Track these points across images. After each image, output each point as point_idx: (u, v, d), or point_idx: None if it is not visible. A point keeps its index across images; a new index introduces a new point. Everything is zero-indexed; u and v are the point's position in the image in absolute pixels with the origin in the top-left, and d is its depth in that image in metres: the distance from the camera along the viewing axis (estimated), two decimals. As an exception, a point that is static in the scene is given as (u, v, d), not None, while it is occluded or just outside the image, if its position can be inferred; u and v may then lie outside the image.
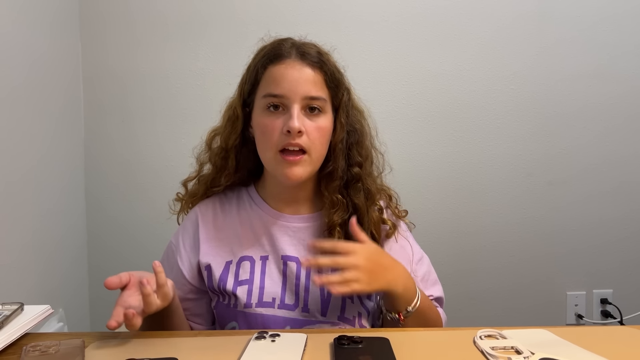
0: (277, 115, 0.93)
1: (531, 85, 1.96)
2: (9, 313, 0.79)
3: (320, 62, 0.95)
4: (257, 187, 1.07)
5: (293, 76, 0.92)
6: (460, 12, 1.93)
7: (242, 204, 1.05)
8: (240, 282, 0.97)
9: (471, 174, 1.98)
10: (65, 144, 1.78)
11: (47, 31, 1.66)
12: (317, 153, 0.95)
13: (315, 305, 0.95)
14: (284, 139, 0.91)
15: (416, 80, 1.94)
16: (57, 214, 1.71)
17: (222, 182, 1.04)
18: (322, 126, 0.94)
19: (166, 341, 0.81)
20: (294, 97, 0.91)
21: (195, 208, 1.07)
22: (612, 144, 2.00)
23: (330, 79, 0.96)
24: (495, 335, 0.80)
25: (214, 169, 1.05)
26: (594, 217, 2.02)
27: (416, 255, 1.04)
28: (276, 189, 1.03)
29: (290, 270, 0.97)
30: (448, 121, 1.96)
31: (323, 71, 0.95)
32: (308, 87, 0.92)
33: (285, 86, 0.92)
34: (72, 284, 1.82)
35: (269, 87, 0.94)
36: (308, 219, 1.02)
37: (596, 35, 1.95)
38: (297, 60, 0.94)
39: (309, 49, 0.96)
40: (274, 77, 0.94)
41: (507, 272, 2.02)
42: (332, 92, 0.97)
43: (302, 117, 0.92)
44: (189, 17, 1.88)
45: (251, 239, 1.01)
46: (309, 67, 0.94)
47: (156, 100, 1.90)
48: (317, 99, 0.93)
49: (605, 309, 2.05)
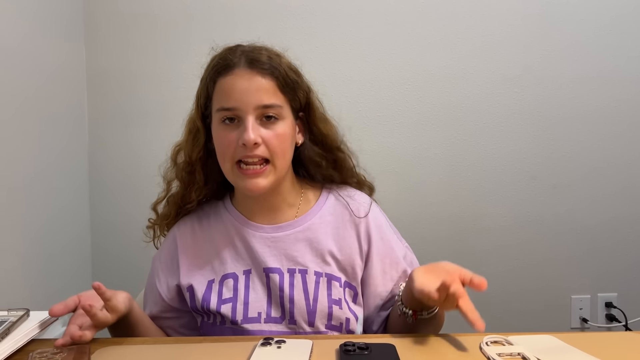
0: (232, 127, 0.90)
1: (535, 88, 1.96)
2: (15, 319, 0.79)
3: (270, 67, 0.91)
4: (232, 198, 1.05)
5: (243, 86, 0.89)
6: (463, 14, 1.93)
7: (219, 218, 1.03)
8: (224, 300, 0.95)
9: (474, 176, 1.98)
10: (69, 150, 1.78)
11: (51, 37, 1.66)
12: (280, 160, 0.92)
13: (302, 315, 0.93)
14: (240, 151, 0.89)
15: (419, 82, 1.94)
16: (61, 219, 1.71)
17: (194, 197, 1.01)
18: (281, 133, 0.91)
19: (172, 347, 0.81)
20: (246, 108, 0.89)
21: (173, 229, 1.05)
22: (616, 147, 1.99)
23: (284, 83, 0.92)
24: (501, 341, 0.79)
25: (182, 186, 1.03)
26: (598, 220, 2.01)
27: (401, 251, 1.03)
28: (248, 200, 1.01)
29: (274, 282, 0.95)
30: (451, 124, 1.96)
31: (274, 77, 0.91)
32: (259, 96, 0.89)
33: (237, 97, 0.89)
34: (76, 289, 1.82)
35: (220, 100, 0.91)
36: (286, 227, 0.99)
37: (601, 38, 1.95)
38: (246, 70, 0.90)
39: (259, 55, 0.92)
40: (224, 89, 0.91)
41: (511, 276, 2.01)
42: (288, 95, 0.93)
43: (257, 128, 0.89)
44: (193, 22, 1.88)
45: (232, 254, 0.98)
46: (259, 75, 0.90)
47: (160, 106, 1.90)
48: (271, 106, 0.90)
49: (610, 313, 2.04)
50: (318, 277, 0.95)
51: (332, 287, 0.95)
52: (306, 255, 0.97)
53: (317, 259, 0.97)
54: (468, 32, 1.94)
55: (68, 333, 0.79)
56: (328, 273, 0.96)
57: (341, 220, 1.00)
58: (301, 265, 0.96)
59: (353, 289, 0.97)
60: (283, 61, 0.94)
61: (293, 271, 0.95)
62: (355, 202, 1.02)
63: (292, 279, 0.95)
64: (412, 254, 1.05)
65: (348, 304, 0.96)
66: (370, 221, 1.01)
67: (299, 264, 0.96)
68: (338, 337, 0.83)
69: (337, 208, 1.02)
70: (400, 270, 1.00)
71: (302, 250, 0.97)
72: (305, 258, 0.96)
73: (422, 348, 0.78)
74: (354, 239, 0.99)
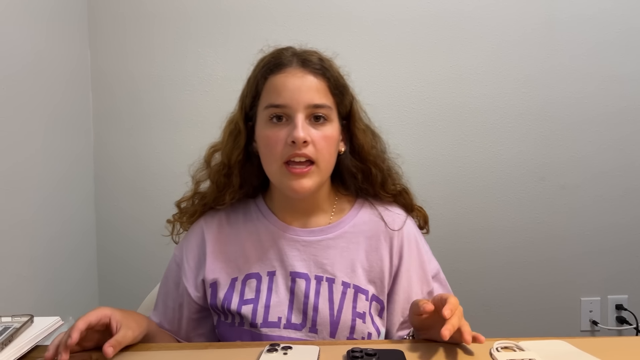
0: (280, 126, 0.89)
1: (543, 89, 1.94)
2: (19, 325, 0.78)
3: (322, 68, 0.92)
4: (265, 198, 1.03)
5: (295, 84, 0.89)
6: (470, 15, 1.91)
7: (249, 216, 1.01)
8: (245, 301, 0.93)
9: (483, 178, 1.96)
10: (74, 152, 1.78)
11: (56, 38, 1.66)
12: (325, 163, 0.91)
13: (324, 325, 0.91)
14: (289, 150, 0.88)
15: (426, 83, 1.92)
16: (66, 223, 1.71)
17: (227, 200, 0.99)
18: (329, 135, 0.91)
19: (177, 354, 0.80)
20: (296, 106, 0.88)
21: (199, 222, 1.03)
22: (625, 147, 1.97)
23: (335, 86, 0.93)
24: (512, 347, 0.78)
25: (214, 188, 1.00)
26: (608, 221, 1.99)
27: (433, 270, 1.01)
28: (284, 201, 0.99)
29: (299, 287, 0.93)
30: (459, 125, 1.94)
31: (326, 78, 0.92)
32: (311, 94, 0.89)
33: (287, 95, 0.88)
34: (82, 294, 1.82)
35: (270, 97, 0.91)
36: (319, 232, 0.98)
37: (608, 38, 1.93)
38: (299, 68, 0.91)
39: (310, 56, 0.93)
40: (275, 86, 0.91)
41: (520, 278, 1.99)
42: (337, 98, 0.94)
43: (307, 127, 0.89)
44: (196, 23, 1.88)
45: (258, 254, 0.97)
46: (311, 75, 0.90)
47: (165, 107, 1.90)
48: (322, 106, 0.90)
49: (620, 315, 2.02)
50: (345, 287, 0.93)
51: (358, 300, 0.93)
52: (335, 264, 0.95)
53: (346, 269, 0.95)
54: (475, 34, 1.92)
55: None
56: (356, 285, 0.94)
57: (375, 231, 0.98)
58: (329, 274, 0.94)
59: (380, 303, 0.95)
60: (333, 65, 0.95)
61: (320, 278, 0.94)
62: (391, 214, 1.01)
63: (318, 287, 0.93)
64: (442, 276, 1.03)
65: (372, 318, 0.94)
66: (404, 236, 0.99)
67: (327, 271, 0.94)
68: (345, 343, 0.82)
69: (372, 218, 1.00)
70: (426, 292, 0.97)
71: (332, 258, 0.95)
72: (334, 266, 0.95)
73: (431, 355, 0.77)
74: (386, 252, 0.97)
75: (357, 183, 1.01)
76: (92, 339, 0.79)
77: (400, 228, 0.99)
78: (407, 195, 1.04)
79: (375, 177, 0.99)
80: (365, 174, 1.00)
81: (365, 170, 0.99)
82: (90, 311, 0.79)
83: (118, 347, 0.76)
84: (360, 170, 0.99)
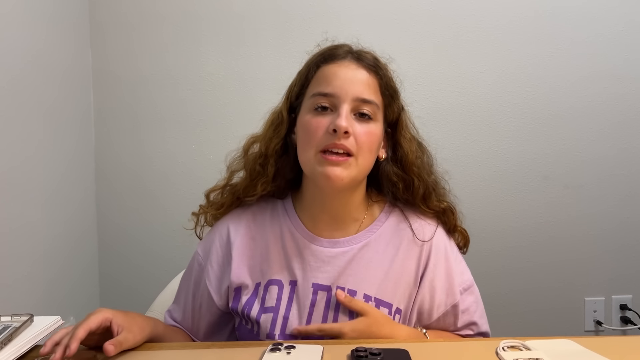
0: (324, 115, 0.87)
1: (546, 87, 1.93)
2: (19, 325, 0.77)
3: (376, 67, 0.91)
4: (294, 200, 1.00)
5: (347, 75, 0.88)
6: (472, 13, 1.90)
7: (276, 218, 0.98)
8: (266, 309, 0.90)
9: (485, 177, 1.95)
10: (75, 152, 1.77)
11: (57, 38, 1.66)
12: (363, 159, 0.88)
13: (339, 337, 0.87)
14: (328, 138, 0.85)
15: (428, 82, 1.91)
16: (67, 223, 1.70)
17: (258, 191, 0.96)
18: (372, 132, 0.88)
19: (179, 353, 0.79)
20: (344, 96, 0.86)
21: (225, 220, 1.00)
22: (630, 146, 1.95)
23: (386, 86, 0.91)
24: (518, 346, 0.77)
25: (248, 177, 0.97)
26: (612, 221, 1.98)
27: (464, 283, 0.97)
28: (314, 203, 0.95)
29: (320, 300, 0.90)
30: (461, 124, 1.93)
31: (379, 76, 0.90)
32: (361, 87, 0.87)
33: (337, 84, 0.87)
34: (83, 293, 1.81)
35: (319, 85, 0.89)
36: (344, 243, 0.94)
37: (612, 35, 1.92)
38: (353, 61, 0.90)
39: (366, 54, 0.93)
40: (325, 75, 0.89)
41: (523, 278, 1.98)
42: (386, 100, 0.92)
43: (350, 119, 0.86)
44: (197, 22, 1.87)
45: (282, 260, 0.93)
46: (364, 69, 0.89)
47: (166, 106, 1.89)
48: (369, 102, 0.88)
49: (624, 315, 2.00)
50: (367, 300, 0.90)
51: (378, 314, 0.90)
52: (359, 275, 0.92)
53: (370, 281, 0.91)
54: (477, 31, 1.91)
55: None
56: (378, 298, 0.91)
57: (403, 239, 0.95)
58: (351, 286, 0.91)
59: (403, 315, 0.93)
60: (388, 68, 0.95)
61: (342, 290, 0.90)
62: (421, 223, 0.97)
63: (339, 302, 0.89)
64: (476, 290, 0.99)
65: None
66: (433, 246, 0.96)
67: (349, 283, 0.91)
68: (349, 343, 0.81)
69: (400, 226, 0.97)
70: (450, 304, 0.94)
71: (356, 269, 0.92)
72: (357, 277, 0.91)
73: (436, 354, 0.76)
74: (413, 260, 0.94)
75: (398, 193, 0.97)
76: (92, 340, 0.77)
77: (429, 239, 0.96)
78: (452, 215, 1.01)
79: (417, 189, 0.96)
80: (407, 184, 0.96)
81: (407, 181, 0.96)
82: (90, 314, 0.77)
83: (119, 347, 0.74)
84: (402, 179, 0.96)
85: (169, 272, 1.31)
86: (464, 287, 0.96)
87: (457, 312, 0.94)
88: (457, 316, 0.94)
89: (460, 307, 0.94)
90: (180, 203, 1.86)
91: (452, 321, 0.94)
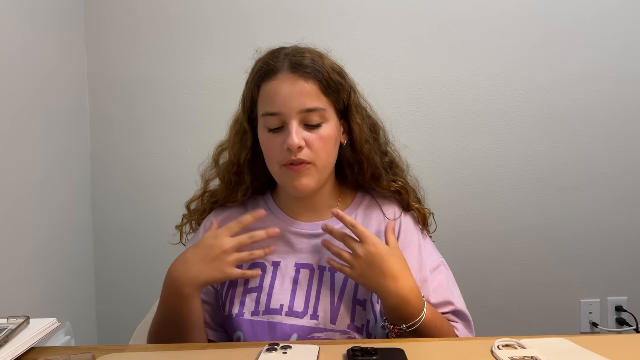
0: (277, 133, 0.92)
1: (540, 90, 1.94)
2: (14, 327, 0.77)
3: (313, 70, 0.91)
4: (273, 195, 1.06)
5: (286, 91, 0.90)
6: (466, 17, 1.92)
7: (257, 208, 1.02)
8: (250, 289, 0.96)
9: (481, 180, 1.96)
10: (71, 155, 1.77)
11: (53, 42, 1.66)
12: (322, 162, 0.93)
13: (325, 312, 0.93)
14: (286, 155, 0.90)
15: (423, 86, 1.93)
16: (64, 226, 1.70)
17: (239, 197, 1.03)
18: (324, 135, 0.92)
19: (175, 354, 0.79)
20: (289, 112, 0.90)
21: (209, 215, 1.06)
22: (624, 148, 1.97)
23: (327, 86, 0.93)
24: (513, 344, 0.77)
25: (224, 186, 1.03)
26: (607, 222, 1.99)
27: (433, 263, 1.01)
28: (290, 198, 1.02)
29: (303, 277, 0.96)
30: (456, 127, 1.94)
31: (317, 80, 0.91)
32: (303, 99, 0.90)
33: (280, 102, 0.90)
34: (78, 296, 1.81)
35: (265, 105, 0.92)
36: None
37: (607, 38, 1.93)
38: (289, 74, 0.91)
39: (302, 59, 0.92)
40: (267, 94, 0.92)
41: (518, 280, 1.99)
42: (332, 97, 0.94)
43: (300, 131, 0.90)
44: (194, 25, 1.88)
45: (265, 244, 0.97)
46: (301, 79, 0.91)
47: (162, 110, 1.90)
48: (315, 109, 0.91)
49: (620, 317, 2.01)
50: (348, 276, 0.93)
51: (359, 288, 0.95)
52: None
53: None
54: (472, 35, 1.92)
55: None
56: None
57: (375, 221, 1.01)
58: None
59: None
60: (326, 62, 0.95)
61: (323, 268, 0.96)
62: (389, 205, 1.03)
63: (321, 276, 0.96)
64: (443, 269, 1.02)
65: (373, 306, 0.95)
66: (402, 223, 1.02)
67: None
68: (345, 342, 0.81)
69: (372, 206, 1.03)
70: (420, 280, 0.96)
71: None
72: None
73: (432, 353, 0.76)
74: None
75: (354, 175, 1.02)
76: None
77: (398, 217, 1.02)
78: (406, 194, 1.03)
79: (365, 170, 1.00)
80: (360, 166, 1.01)
81: (360, 162, 1.00)
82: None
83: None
84: (356, 161, 1.01)
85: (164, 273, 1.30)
86: (433, 267, 1.00)
87: (427, 291, 0.96)
88: (428, 296, 0.95)
89: (430, 285, 0.97)
90: (176, 206, 1.84)
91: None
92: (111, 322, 1.91)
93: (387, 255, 0.88)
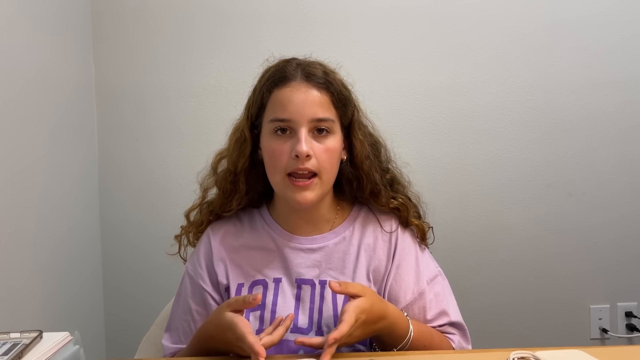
0: (284, 139, 0.92)
1: (547, 96, 1.93)
2: (28, 342, 0.77)
3: (326, 82, 0.94)
4: (269, 208, 1.06)
5: (299, 99, 0.92)
6: (473, 23, 1.91)
7: (254, 226, 1.05)
8: (253, 308, 0.95)
9: (488, 186, 1.95)
10: (79, 165, 1.78)
11: (60, 50, 1.66)
12: (327, 175, 0.94)
13: (328, 327, 0.93)
14: (292, 163, 0.91)
15: (430, 91, 1.92)
16: (71, 235, 1.70)
17: (234, 206, 1.03)
18: (331, 147, 0.94)
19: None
20: (300, 120, 0.91)
21: (207, 230, 1.06)
22: (632, 154, 1.95)
23: (338, 99, 0.95)
24: (529, 357, 0.77)
25: (222, 194, 1.04)
26: (616, 228, 1.97)
27: (430, 274, 1.02)
28: (288, 211, 1.02)
29: (305, 292, 0.97)
30: (463, 134, 1.94)
31: (330, 92, 0.94)
32: (314, 109, 0.92)
33: (292, 110, 0.91)
34: (86, 304, 1.80)
35: (275, 111, 0.93)
36: (321, 239, 1.01)
37: (613, 43, 1.92)
38: (303, 82, 0.93)
39: (315, 70, 0.95)
40: (279, 100, 0.93)
41: (528, 286, 1.97)
42: (340, 111, 0.96)
43: (309, 140, 0.91)
44: (200, 35, 1.88)
45: (264, 261, 1.00)
46: (314, 89, 0.93)
47: (169, 118, 1.90)
48: (325, 120, 0.93)
49: (630, 323, 1.99)
50: None
51: None
52: (338, 267, 0.98)
53: (348, 272, 0.98)
54: (478, 41, 1.92)
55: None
56: None
57: (372, 233, 1.02)
58: (332, 277, 0.97)
59: None
60: (337, 77, 0.98)
61: (324, 283, 0.97)
62: (387, 218, 1.04)
63: (322, 291, 0.96)
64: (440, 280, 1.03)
65: None
66: (399, 235, 1.02)
67: (330, 276, 0.97)
68: (345, 356, 0.81)
69: (369, 220, 1.04)
70: (417, 292, 0.98)
71: (335, 262, 0.99)
72: (336, 271, 0.98)
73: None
74: (384, 252, 1.00)
75: (353, 191, 1.03)
76: None
77: (395, 230, 1.02)
78: (405, 211, 1.04)
79: (365, 187, 1.01)
80: (359, 183, 1.02)
81: (359, 179, 1.01)
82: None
83: None
84: (355, 178, 1.02)
85: (173, 282, 1.30)
86: (430, 277, 1.01)
87: (424, 302, 0.97)
88: (425, 307, 0.97)
89: (427, 297, 0.98)
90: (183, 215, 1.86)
91: (422, 313, 0.97)
92: (119, 329, 1.91)
93: (368, 309, 0.84)
